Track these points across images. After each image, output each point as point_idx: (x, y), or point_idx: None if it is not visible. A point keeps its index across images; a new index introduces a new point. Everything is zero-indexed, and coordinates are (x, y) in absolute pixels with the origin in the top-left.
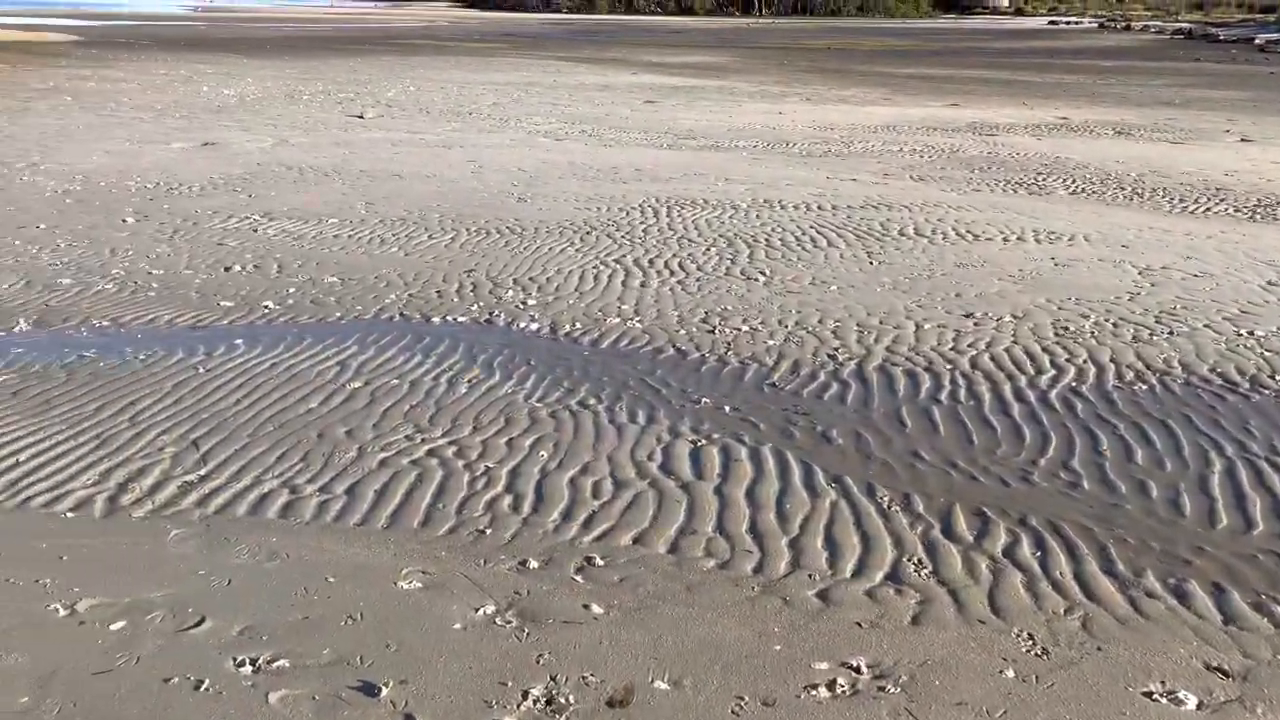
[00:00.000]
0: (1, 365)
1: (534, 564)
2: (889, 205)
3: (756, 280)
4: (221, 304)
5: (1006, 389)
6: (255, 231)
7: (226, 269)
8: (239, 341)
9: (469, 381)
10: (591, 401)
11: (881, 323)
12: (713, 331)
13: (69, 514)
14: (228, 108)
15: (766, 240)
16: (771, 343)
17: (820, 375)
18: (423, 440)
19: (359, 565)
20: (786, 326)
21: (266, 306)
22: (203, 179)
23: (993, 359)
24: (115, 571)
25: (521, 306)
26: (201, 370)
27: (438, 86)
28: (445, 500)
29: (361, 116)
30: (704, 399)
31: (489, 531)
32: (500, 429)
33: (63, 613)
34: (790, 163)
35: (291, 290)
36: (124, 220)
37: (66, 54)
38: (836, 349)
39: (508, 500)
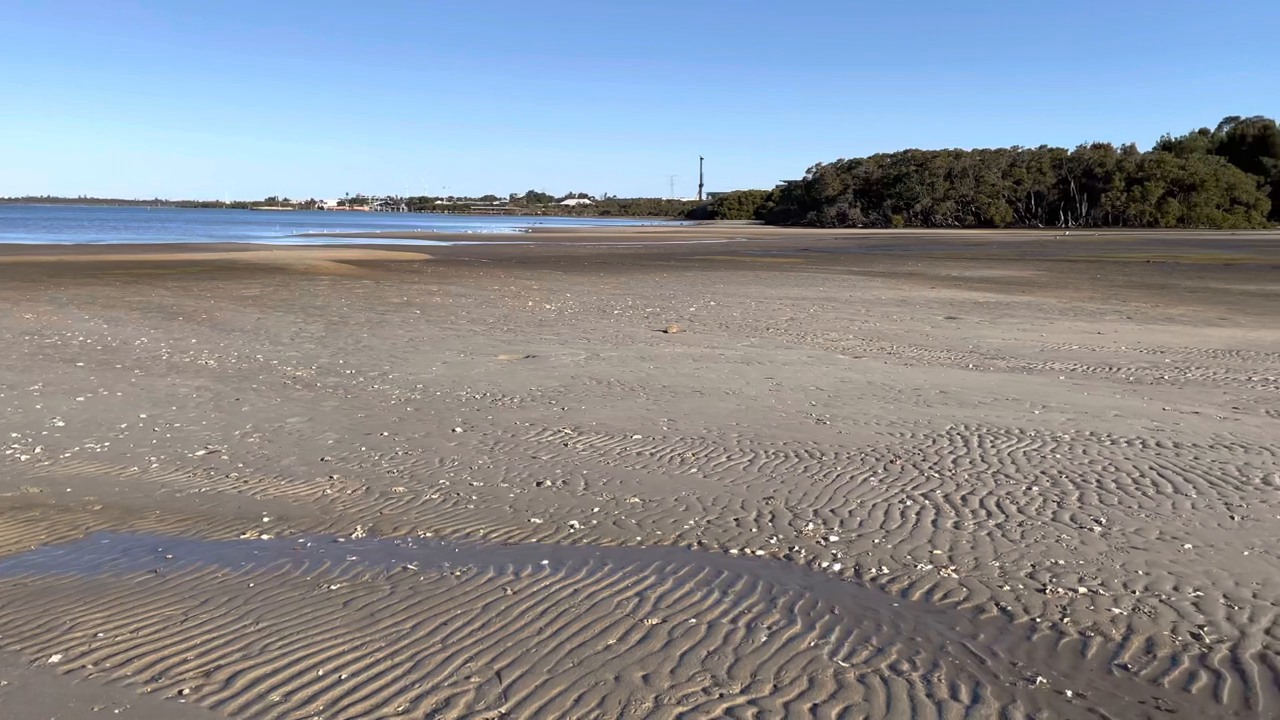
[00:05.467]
0: (337, 573)
1: None
2: (1245, 446)
3: (1091, 530)
4: (532, 520)
5: None
6: (566, 446)
7: (538, 484)
8: (545, 563)
9: (769, 628)
10: (905, 667)
11: (1256, 596)
12: (1043, 591)
13: None
14: (548, 322)
15: (1098, 481)
16: (1117, 611)
17: (1183, 660)
18: (721, 696)
19: None
20: (1134, 592)
21: (572, 526)
22: (523, 390)
23: None
24: None
25: (823, 543)
26: (509, 591)
27: (737, 301)
28: None
29: (666, 331)
30: (1039, 678)
31: None
32: (804, 691)
33: None
34: (1116, 390)
35: (595, 510)
36: (453, 430)
37: (419, 271)
38: (1201, 627)
39: None
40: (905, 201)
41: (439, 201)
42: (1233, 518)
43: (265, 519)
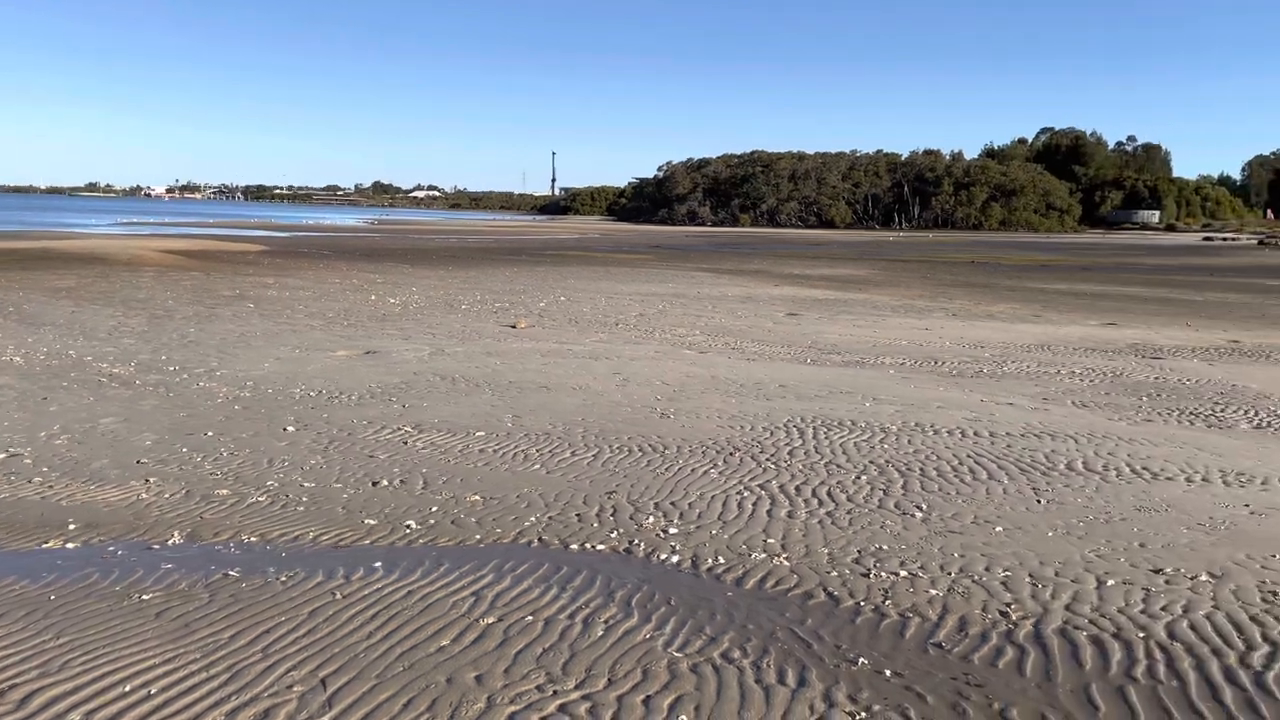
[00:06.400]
0: (150, 582)
1: None
2: (1052, 434)
3: (913, 516)
4: (366, 521)
5: (1214, 667)
6: (405, 444)
7: (374, 483)
8: (377, 565)
9: (605, 622)
10: (736, 654)
11: (1058, 575)
12: (867, 575)
13: None
14: (392, 316)
15: (921, 469)
16: (934, 593)
17: (992, 637)
18: (555, 693)
19: None
20: (950, 574)
21: (409, 526)
22: (362, 387)
23: (1193, 627)
24: None
25: (662, 535)
26: (338, 595)
27: (587, 297)
28: None
29: (514, 326)
30: (861, 659)
31: None
32: (638, 683)
33: None
34: (940, 382)
35: (434, 509)
36: (285, 429)
37: (255, 262)
38: (1009, 605)
39: None
40: (752, 201)
41: (278, 190)
42: (1039, 501)
43: (71, 526)
